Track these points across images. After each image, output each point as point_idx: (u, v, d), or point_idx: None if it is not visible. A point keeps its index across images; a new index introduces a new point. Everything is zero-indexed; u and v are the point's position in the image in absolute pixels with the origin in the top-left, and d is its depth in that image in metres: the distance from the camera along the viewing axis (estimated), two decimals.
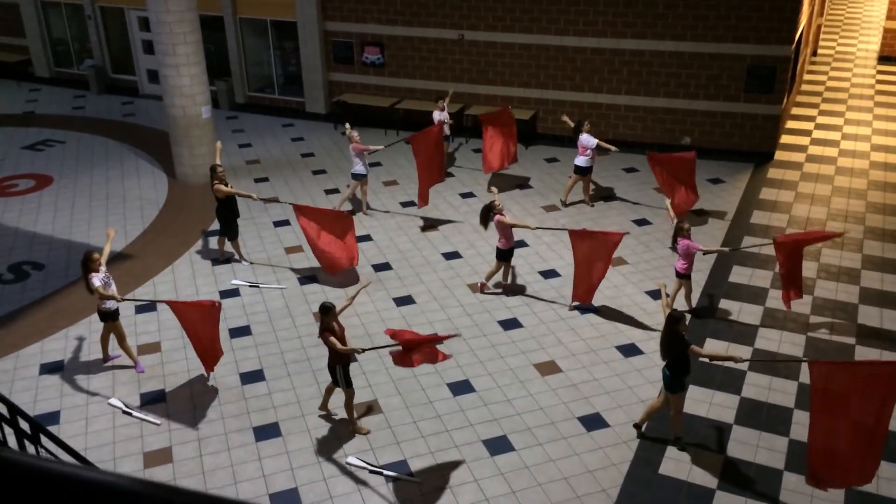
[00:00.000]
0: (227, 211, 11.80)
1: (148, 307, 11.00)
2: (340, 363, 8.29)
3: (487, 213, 10.75)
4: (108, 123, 18.71)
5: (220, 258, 12.21)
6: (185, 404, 9.08)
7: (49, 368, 9.78)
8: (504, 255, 10.92)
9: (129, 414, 8.90)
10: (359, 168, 13.12)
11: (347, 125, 13.56)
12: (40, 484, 0.86)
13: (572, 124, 13.70)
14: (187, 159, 15.02)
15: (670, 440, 8.35)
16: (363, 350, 8.52)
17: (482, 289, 11.23)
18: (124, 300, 9.40)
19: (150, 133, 17.94)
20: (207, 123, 15.01)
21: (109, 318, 9.39)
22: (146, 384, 9.46)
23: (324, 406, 8.86)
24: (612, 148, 13.23)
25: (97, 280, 9.05)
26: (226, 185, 11.68)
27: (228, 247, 12.20)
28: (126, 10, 20.07)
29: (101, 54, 21.09)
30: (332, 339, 8.11)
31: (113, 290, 9.36)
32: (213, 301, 9.33)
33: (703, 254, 10.11)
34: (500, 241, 10.86)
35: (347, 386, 8.40)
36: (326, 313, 8.19)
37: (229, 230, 11.95)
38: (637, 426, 8.49)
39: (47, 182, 15.40)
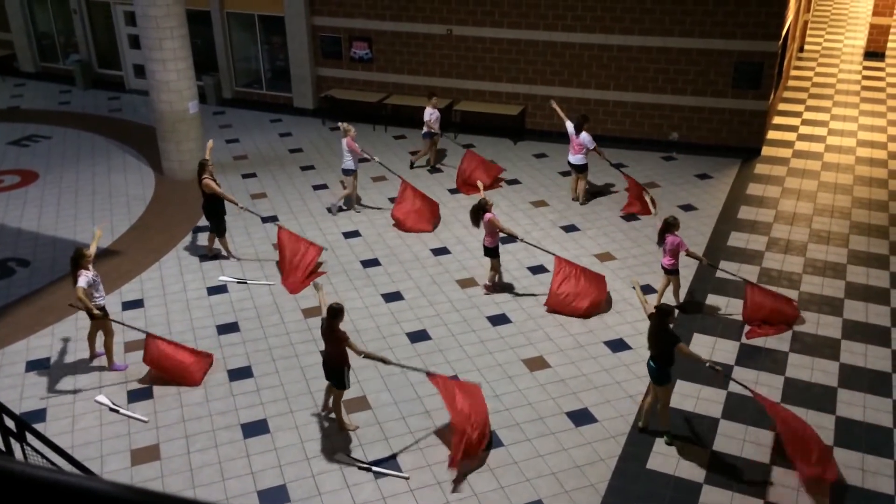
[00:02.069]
0: (215, 207, 11.74)
1: (135, 304, 10.95)
2: (348, 365, 8.27)
3: (478, 212, 10.71)
4: (94, 119, 18.59)
5: (209, 254, 12.16)
6: (173, 401, 9.05)
7: (35, 365, 9.72)
8: (490, 253, 10.95)
9: (116, 411, 8.86)
10: (348, 163, 13.09)
11: (345, 123, 13.48)
12: (32, 493, 0.85)
13: (562, 113, 13.67)
14: (174, 155, 14.94)
15: (658, 434, 8.39)
16: (386, 361, 8.44)
17: (487, 290, 11.18)
18: (96, 314, 9.29)
19: (136, 128, 17.84)
20: (194, 119, 14.94)
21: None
22: (133, 381, 9.41)
23: (326, 406, 8.80)
24: (606, 158, 13.62)
25: (83, 281, 8.99)
26: (214, 181, 11.63)
27: (216, 243, 12.15)
28: (112, 4, 19.93)
29: (86, 49, 20.94)
30: (352, 342, 8.10)
31: (100, 289, 9.33)
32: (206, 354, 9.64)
33: (686, 254, 10.16)
34: (486, 239, 10.88)
35: (348, 387, 8.40)
36: (339, 316, 8.10)
37: (217, 226, 11.89)
38: (643, 429, 8.47)
39: (33, 178, 15.29)
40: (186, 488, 7.87)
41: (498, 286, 11.24)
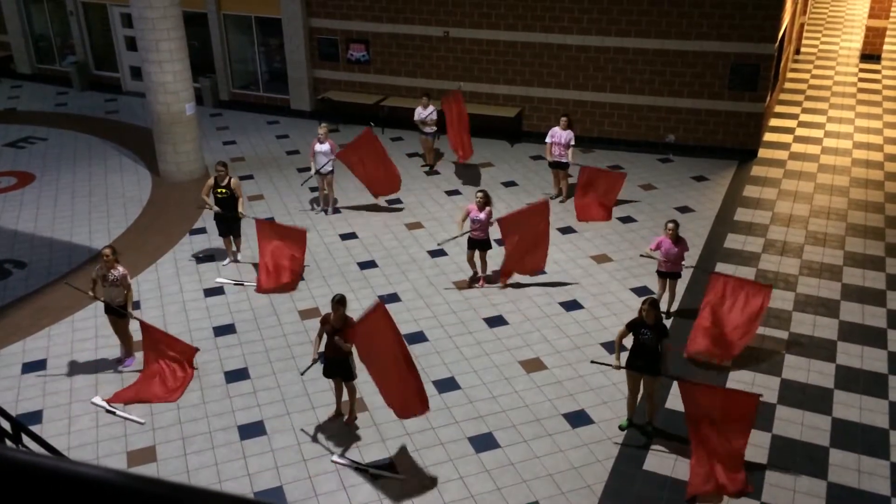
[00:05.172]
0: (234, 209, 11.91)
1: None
2: (350, 352, 8.39)
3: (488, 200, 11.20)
4: (90, 120, 18.57)
5: (233, 258, 12.16)
6: (169, 403, 9.03)
7: (31, 367, 9.70)
8: (484, 245, 11.20)
9: (113, 413, 8.84)
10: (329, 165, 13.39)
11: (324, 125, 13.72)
12: (32, 481, 0.85)
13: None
14: (171, 156, 14.93)
15: (641, 426, 8.48)
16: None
17: (482, 283, 11.35)
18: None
19: (133, 130, 17.82)
20: (191, 120, 14.93)
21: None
22: (129, 383, 9.39)
23: (339, 410, 8.79)
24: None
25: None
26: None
27: (232, 245, 12.17)
28: (109, 6, 19.92)
29: (83, 51, 20.93)
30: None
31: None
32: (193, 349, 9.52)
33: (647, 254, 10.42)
34: (480, 233, 11.06)
35: (356, 376, 8.53)
36: (345, 303, 8.27)
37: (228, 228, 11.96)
38: (649, 423, 8.53)
39: (29, 179, 15.27)
40: None
41: (473, 280, 11.41)
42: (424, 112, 14.89)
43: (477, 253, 11.26)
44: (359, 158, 13.37)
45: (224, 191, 11.60)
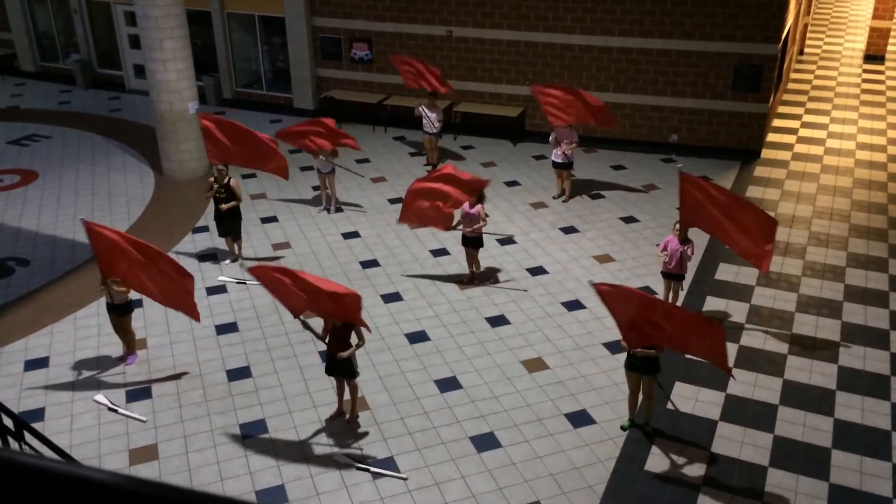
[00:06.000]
0: (237, 210, 11.89)
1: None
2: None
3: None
4: (94, 118, 18.59)
5: (235, 259, 12.14)
6: (171, 401, 9.05)
7: (34, 365, 9.72)
8: (477, 243, 11.24)
9: (115, 411, 8.86)
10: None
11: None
12: (36, 484, 0.86)
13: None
14: (174, 155, 14.94)
15: (641, 426, 8.47)
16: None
17: (473, 280, 11.40)
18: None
19: (136, 128, 17.84)
20: (194, 119, 14.92)
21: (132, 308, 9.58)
22: (132, 381, 9.42)
23: (341, 409, 8.78)
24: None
25: None
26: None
27: (234, 244, 12.15)
28: (112, 4, 19.94)
29: (87, 49, 20.95)
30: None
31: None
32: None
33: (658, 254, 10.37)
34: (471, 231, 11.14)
35: (360, 373, 8.60)
36: None
37: (227, 229, 11.93)
38: (646, 423, 8.51)
39: (32, 177, 15.29)
40: None
41: (471, 278, 11.46)
42: (427, 111, 14.88)
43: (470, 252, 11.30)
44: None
45: (223, 190, 11.64)
